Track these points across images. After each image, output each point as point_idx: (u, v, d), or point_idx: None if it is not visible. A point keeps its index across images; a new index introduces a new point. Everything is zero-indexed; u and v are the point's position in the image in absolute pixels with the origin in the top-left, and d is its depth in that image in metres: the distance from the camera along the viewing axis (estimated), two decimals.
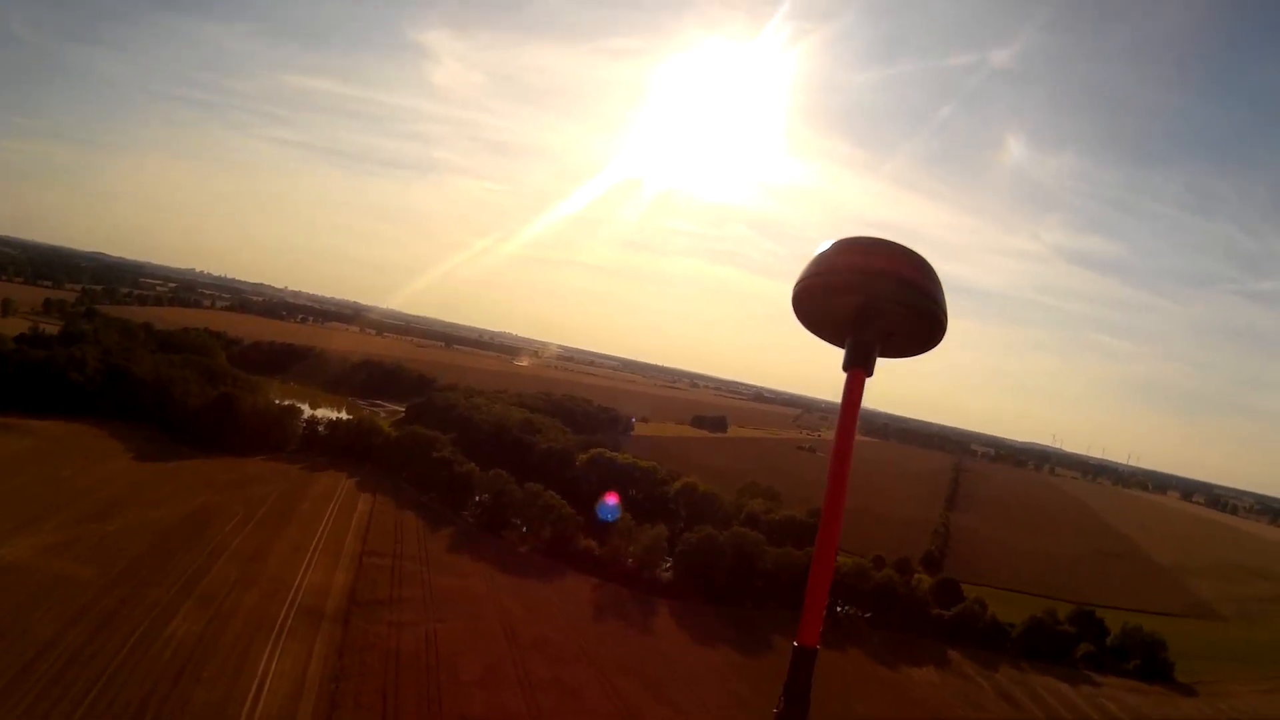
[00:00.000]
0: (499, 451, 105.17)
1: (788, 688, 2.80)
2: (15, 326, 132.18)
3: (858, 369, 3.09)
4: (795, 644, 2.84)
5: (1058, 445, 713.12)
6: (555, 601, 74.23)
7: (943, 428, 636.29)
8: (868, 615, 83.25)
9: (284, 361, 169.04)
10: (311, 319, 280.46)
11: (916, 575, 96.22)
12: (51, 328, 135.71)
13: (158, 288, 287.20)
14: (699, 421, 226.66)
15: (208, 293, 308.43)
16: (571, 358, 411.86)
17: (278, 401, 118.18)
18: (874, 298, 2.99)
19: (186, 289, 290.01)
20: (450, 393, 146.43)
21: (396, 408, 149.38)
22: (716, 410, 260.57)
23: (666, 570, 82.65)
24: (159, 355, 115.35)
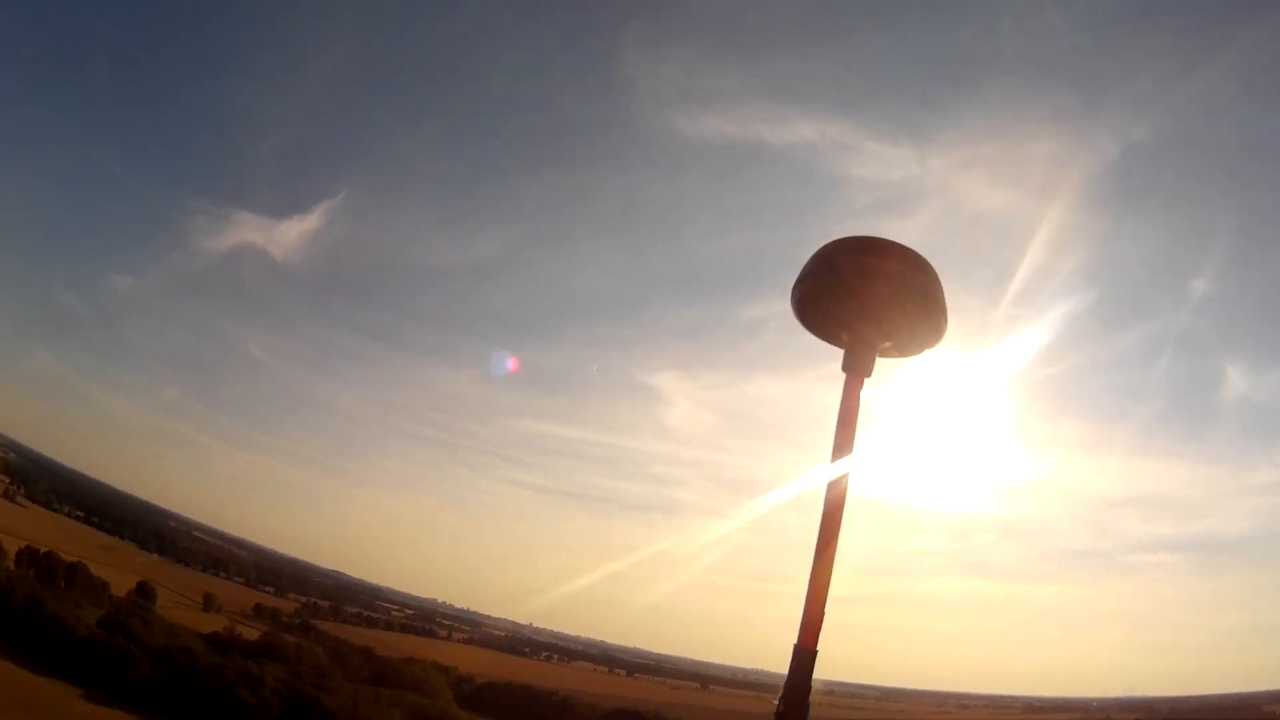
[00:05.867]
0: None
1: (787, 689, 2.83)
2: (211, 625, 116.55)
3: (857, 370, 3.09)
4: (795, 645, 2.86)
5: None
6: None
7: None
8: None
9: (524, 706, 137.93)
10: (556, 656, 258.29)
11: None
12: (253, 634, 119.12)
13: (393, 612, 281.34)
14: None
15: (446, 622, 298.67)
16: (833, 690, 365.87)
17: None
18: (873, 298, 2.96)
19: (424, 617, 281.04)
20: None
21: None
22: None
23: None
24: (364, 687, 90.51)
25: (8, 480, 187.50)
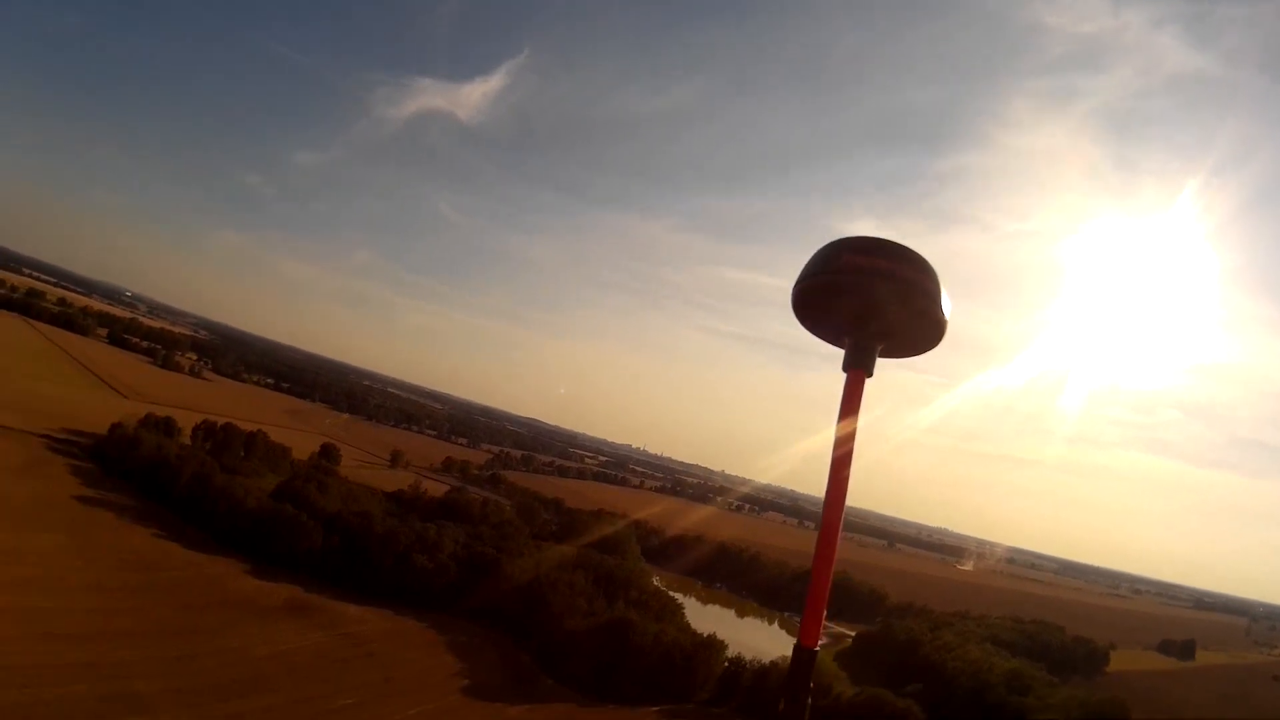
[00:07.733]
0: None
1: (788, 688, 2.89)
2: (396, 482, 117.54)
3: (858, 370, 3.09)
4: (795, 645, 2.94)
5: None
6: None
7: None
8: None
9: (712, 563, 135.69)
10: (748, 506, 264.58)
11: None
12: (439, 489, 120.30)
13: (586, 459, 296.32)
14: (1166, 647, 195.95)
15: (638, 470, 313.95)
16: (1012, 559, 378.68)
17: (693, 629, 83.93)
18: (873, 298, 2.99)
19: (617, 465, 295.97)
20: (910, 622, 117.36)
21: (845, 630, 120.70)
22: (1168, 624, 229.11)
23: None
24: (548, 547, 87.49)
25: (195, 357, 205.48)
